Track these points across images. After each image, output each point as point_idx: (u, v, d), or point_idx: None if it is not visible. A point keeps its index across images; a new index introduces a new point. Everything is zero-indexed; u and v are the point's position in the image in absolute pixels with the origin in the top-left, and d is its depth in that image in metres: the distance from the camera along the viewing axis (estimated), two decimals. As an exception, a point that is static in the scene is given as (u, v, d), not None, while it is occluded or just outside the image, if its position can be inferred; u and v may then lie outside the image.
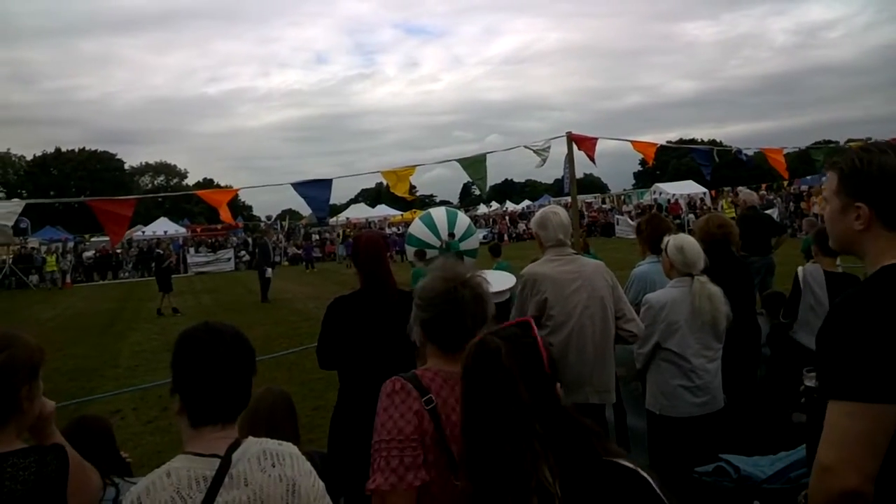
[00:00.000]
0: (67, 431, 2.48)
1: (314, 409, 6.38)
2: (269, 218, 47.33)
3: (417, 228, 18.22)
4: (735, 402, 3.73)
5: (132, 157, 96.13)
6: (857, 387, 1.30)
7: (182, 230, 38.17)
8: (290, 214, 49.61)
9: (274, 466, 1.50)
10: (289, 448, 1.58)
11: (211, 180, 69.91)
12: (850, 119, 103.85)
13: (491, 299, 2.01)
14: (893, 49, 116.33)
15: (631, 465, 1.49)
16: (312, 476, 1.56)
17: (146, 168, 76.90)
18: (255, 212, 70.76)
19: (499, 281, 3.08)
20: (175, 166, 78.47)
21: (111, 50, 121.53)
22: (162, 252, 18.63)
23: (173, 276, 17.11)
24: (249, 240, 37.68)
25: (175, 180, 75.06)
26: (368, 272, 3.32)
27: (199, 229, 40.26)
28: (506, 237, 36.76)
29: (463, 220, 18.97)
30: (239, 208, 63.07)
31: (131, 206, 4.94)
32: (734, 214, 17.05)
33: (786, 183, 28.26)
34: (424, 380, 1.89)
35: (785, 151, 8.10)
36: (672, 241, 3.65)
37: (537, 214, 3.83)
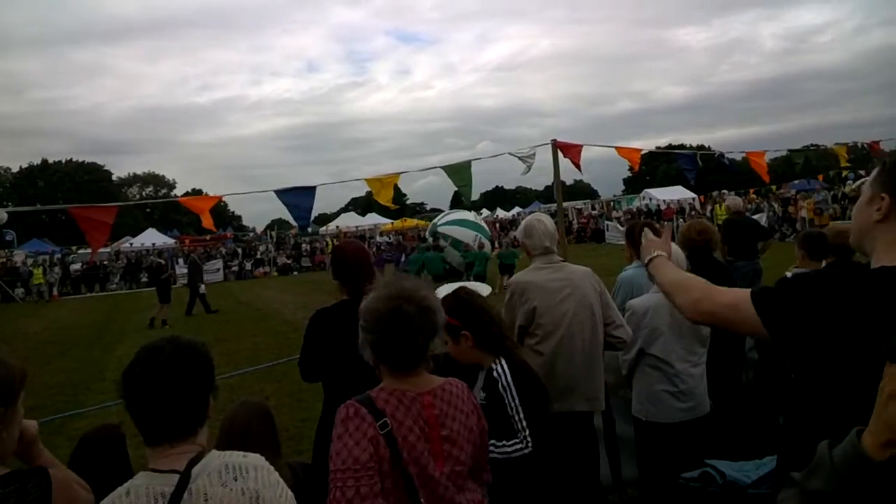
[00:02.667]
0: (83, 445, 2.50)
1: (303, 420, 6.34)
2: (253, 229, 47.17)
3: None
4: (721, 406, 3.75)
5: (121, 168, 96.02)
6: (765, 302, 1.55)
7: (170, 241, 37.92)
8: (279, 224, 49.44)
9: (236, 480, 1.47)
10: (254, 460, 1.55)
11: (200, 190, 69.54)
12: (838, 123, 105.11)
13: (440, 310, 1.94)
14: (882, 53, 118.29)
15: None
16: (280, 487, 1.53)
17: (134, 179, 76.51)
18: (245, 221, 70.68)
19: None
20: (164, 177, 78.21)
21: (101, 59, 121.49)
22: (162, 263, 18.66)
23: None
24: (239, 250, 37.59)
25: (164, 191, 74.71)
26: (356, 282, 3.29)
27: (187, 240, 40.01)
28: (496, 244, 36.80)
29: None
30: (228, 218, 62.86)
31: (113, 214, 4.90)
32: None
33: (775, 188, 28.45)
34: (379, 402, 1.84)
35: (768, 156, 8.16)
36: None
37: (522, 223, 3.84)
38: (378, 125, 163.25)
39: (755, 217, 26.95)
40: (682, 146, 57.81)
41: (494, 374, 2.65)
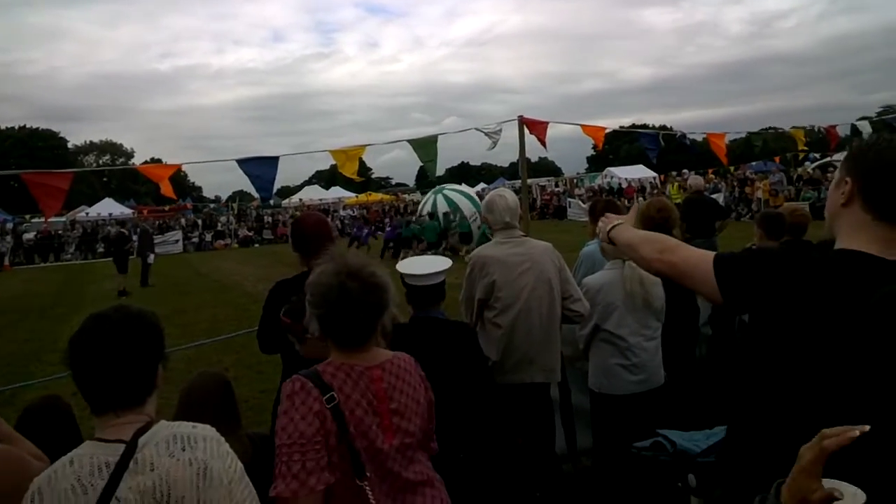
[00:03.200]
0: (26, 416, 2.45)
1: (262, 391, 6.31)
2: (217, 198, 46.15)
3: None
4: (674, 379, 3.87)
5: (77, 136, 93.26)
6: (725, 272, 1.55)
7: (128, 211, 36.90)
8: (240, 196, 48.49)
9: (184, 450, 1.46)
10: (204, 430, 1.54)
11: (159, 160, 67.61)
12: (799, 107, 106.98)
13: (388, 286, 1.91)
14: (844, 40, 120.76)
15: None
16: (229, 458, 1.53)
17: (91, 147, 74.06)
18: (205, 192, 69.24)
19: (433, 264, 3.09)
20: (121, 145, 75.80)
21: (59, 23, 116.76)
22: (124, 233, 18.26)
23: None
24: (199, 222, 36.82)
25: (121, 160, 72.42)
26: (316, 255, 3.23)
27: (145, 210, 39.04)
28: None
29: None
30: (188, 188, 61.46)
31: (68, 180, 4.75)
32: (680, 198, 17.51)
33: (732, 168, 29.02)
34: (326, 376, 1.83)
35: (728, 137, 8.32)
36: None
37: (485, 198, 3.85)
38: (343, 98, 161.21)
39: (713, 196, 27.62)
40: (644, 126, 58.46)
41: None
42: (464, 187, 25.38)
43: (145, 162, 63.74)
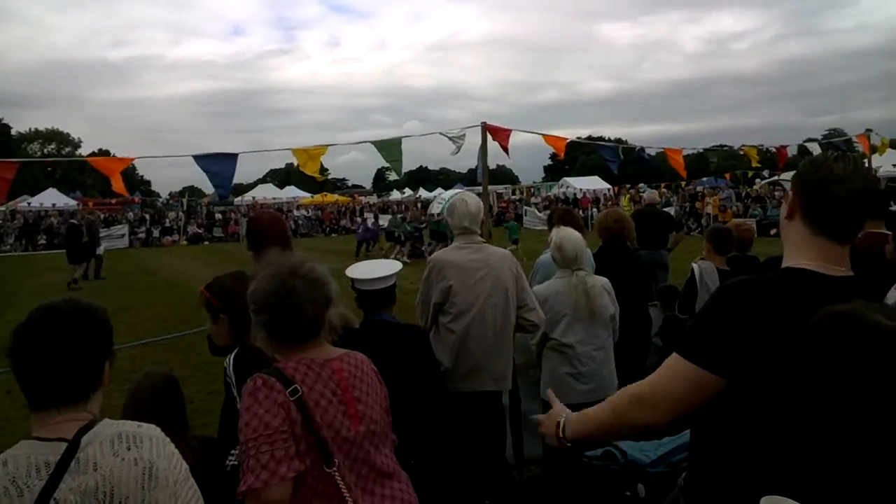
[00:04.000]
0: None
1: (209, 393, 6.15)
2: (171, 195, 44.81)
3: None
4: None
5: (21, 123, 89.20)
6: (700, 352, 1.47)
7: (72, 202, 35.56)
8: (190, 192, 47.28)
9: (129, 449, 1.41)
10: (149, 430, 1.49)
11: (107, 151, 65.39)
12: (748, 126, 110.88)
13: (329, 280, 1.93)
14: (795, 63, 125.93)
15: None
16: (175, 458, 1.48)
17: (36, 135, 70.95)
18: (154, 187, 67.39)
19: (382, 268, 3.06)
20: (68, 135, 72.87)
21: (5, 4, 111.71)
22: (77, 224, 17.60)
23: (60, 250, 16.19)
24: (147, 217, 35.79)
25: (67, 149, 69.78)
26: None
27: (91, 203, 37.71)
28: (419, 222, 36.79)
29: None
30: (136, 182, 59.66)
31: (13, 169, 4.57)
32: (631, 210, 17.90)
33: (683, 183, 29.83)
34: (288, 371, 1.83)
35: (684, 152, 8.52)
36: (553, 238, 3.80)
37: (449, 201, 3.84)
38: (303, 96, 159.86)
39: (666, 210, 28.31)
40: (601, 138, 59.55)
41: (225, 362, 2.47)
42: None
43: (93, 153, 61.68)
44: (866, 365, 1.11)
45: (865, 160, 12.08)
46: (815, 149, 10.11)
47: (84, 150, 69.43)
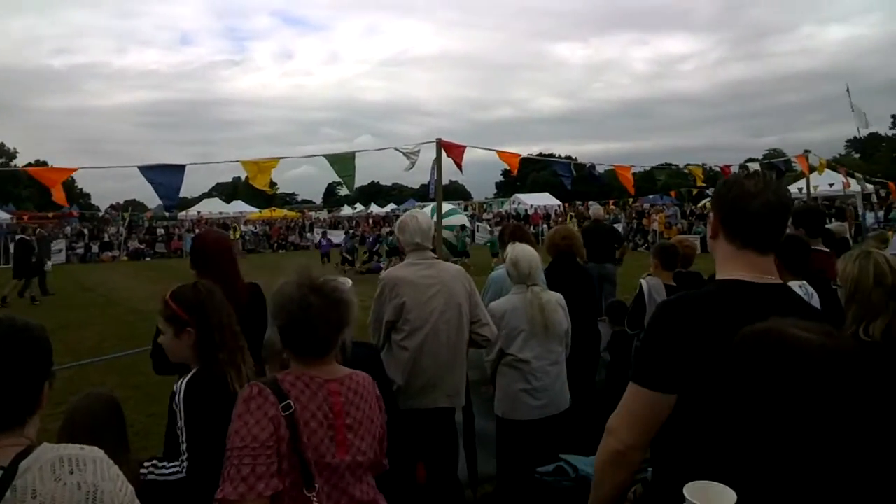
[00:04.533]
0: None
1: (149, 415, 5.92)
2: (113, 207, 43.17)
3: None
4: (576, 404, 3.94)
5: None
6: (646, 375, 1.56)
7: (6, 216, 33.94)
8: (132, 205, 45.80)
9: (72, 473, 1.33)
10: (92, 452, 1.42)
11: (45, 162, 62.77)
12: (693, 146, 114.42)
13: (351, 302, 1.92)
14: (737, 85, 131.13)
15: None
16: (120, 480, 1.41)
17: (-34, 144, 67.85)
18: (94, 200, 64.96)
19: None
20: (2, 144, 69.88)
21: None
22: (28, 238, 17.13)
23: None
24: (86, 231, 34.46)
25: (1, 160, 66.82)
26: (215, 273, 3.03)
27: (26, 216, 36.10)
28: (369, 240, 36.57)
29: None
30: (75, 195, 57.47)
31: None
32: (574, 227, 18.32)
33: (630, 200, 30.57)
34: (285, 384, 1.81)
35: (633, 170, 8.72)
36: (509, 254, 3.84)
37: (399, 218, 3.83)
38: (252, 108, 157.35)
39: (614, 226, 28.94)
40: (552, 155, 60.63)
41: (175, 386, 2.33)
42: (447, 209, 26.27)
43: (30, 164, 59.07)
44: (790, 379, 1.14)
45: (803, 179, 12.65)
46: (756, 168, 10.52)
47: (20, 161, 66.32)
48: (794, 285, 4.30)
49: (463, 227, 22.13)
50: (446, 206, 24.31)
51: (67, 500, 1.30)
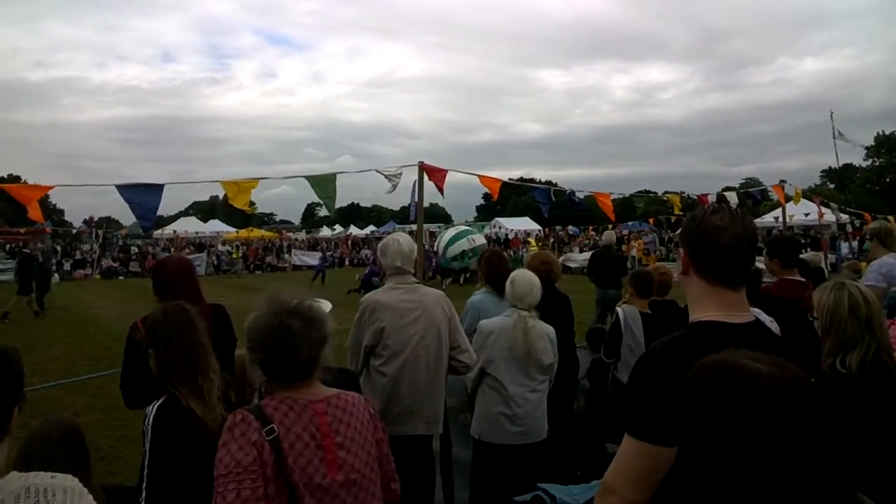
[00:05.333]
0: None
1: (119, 438, 5.77)
2: (87, 222, 42.30)
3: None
4: (554, 431, 3.90)
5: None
6: (643, 429, 1.52)
7: (-24, 231, 33.28)
8: (107, 223, 45.05)
9: None
10: (63, 481, 1.34)
11: (18, 177, 61.88)
12: (670, 174, 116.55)
13: (326, 318, 1.93)
14: (714, 114, 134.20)
15: None
16: None
17: (-65, 157, 66.67)
18: (67, 216, 64.01)
19: None
20: (-26, 158, 68.86)
21: None
22: (30, 252, 17.94)
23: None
24: (58, 248, 33.81)
25: (-28, 174, 65.64)
26: (178, 298, 2.96)
27: (-4, 231, 35.40)
28: (347, 262, 36.42)
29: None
30: (49, 211, 56.55)
31: None
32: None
33: (610, 227, 30.89)
34: (268, 409, 1.80)
35: (612, 197, 8.81)
36: (511, 277, 3.84)
37: (382, 241, 3.81)
38: (233, 126, 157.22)
39: (592, 253, 29.14)
40: (532, 180, 61.20)
41: (147, 409, 2.34)
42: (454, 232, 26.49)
43: (2, 178, 58.27)
44: (745, 409, 1.14)
45: (779, 209, 12.85)
46: (733, 197, 10.68)
47: (-8, 176, 65.42)
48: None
49: (462, 253, 22.48)
50: (460, 228, 25.06)
51: None
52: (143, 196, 4.92)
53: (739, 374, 1.18)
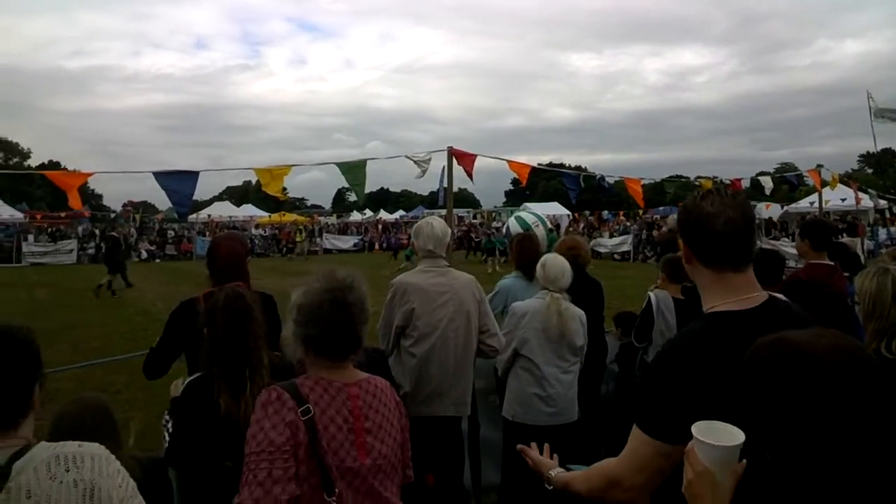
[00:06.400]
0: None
1: (158, 416, 5.91)
2: (125, 205, 43.00)
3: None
4: (581, 415, 3.93)
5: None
6: (654, 426, 1.52)
7: (19, 215, 34.21)
8: (143, 207, 45.96)
9: (68, 471, 1.33)
10: (91, 448, 1.42)
11: (58, 163, 63.42)
12: (703, 158, 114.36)
13: (366, 297, 1.96)
14: (749, 98, 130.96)
15: None
16: (120, 476, 1.42)
17: (-20, 144, 68.53)
18: (106, 202, 65.41)
19: None
20: (17, 144, 70.49)
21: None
22: (116, 236, 19.77)
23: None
24: (97, 231, 34.66)
25: (15, 160, 67.38)
26: (225, 277, 3.04)
27: (38, 216, 36.39)
28: (377, 246, 36.66)
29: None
30: (88, 196, 57.91)
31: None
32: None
33: (641, 212, 30.50)
34: (304, 388, 1.80)
35: (642, 182, 8.70)
36: (542, 261, 3.88)
37: (416, 224, 3.84)
38: (264, 113, 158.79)
39: (623, 238, 28.87)
40: (562, 165, 60.62)
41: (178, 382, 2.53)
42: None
43: (42, 164, 59.80)
44: (805, 385, 1.10)
45: (815, 194, 12.54)
46: (768, 182, 10.46)
47: (33, 161, 67.17)
48: None
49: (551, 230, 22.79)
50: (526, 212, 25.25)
51: (63, 499, 1.30)
52: (178, 183, 5.01)
53: (795, 349, 1.14)
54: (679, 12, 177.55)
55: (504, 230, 24.29)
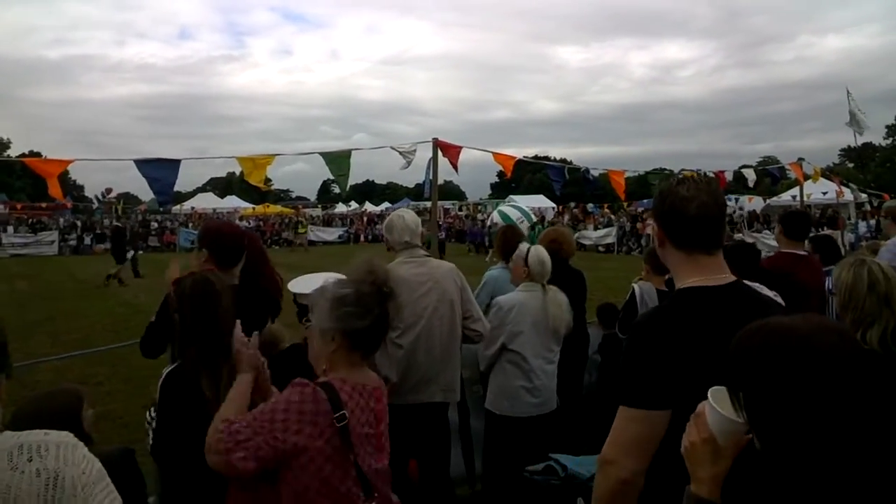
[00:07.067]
0: None
1: (142, 407, 5.89)
2: (104, 192, 42.20)
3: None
4: (565, 403, 3.97)
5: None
6: (636, 396, 1.55)
7: (-2, 206, 33.75)
8: (125, 198, 45.40)
9: (31, 461, 1.29)
10: (57, 437, 1.38)
11: (38, 153, 62.38)
12: (687, 152, 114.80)
13: None
14: (733, 92, 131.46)
15: None
16: (86, 463, 1.37)
17: (-44, 133, 67.32)
18: (88, 192, 64.54)
19: (310, 283, 3.00)
20: (-4, 134, 69.43)
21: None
22: (121, 226, 20.44)
23: None
24: (78, 223, 34.24)
25: (-6, 150, 66.33)
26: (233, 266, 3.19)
27: (19, 206, 35.88)
28: (362, 237, 36.55)
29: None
30: (69, 186, 57.10)
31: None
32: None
33: (626, 205, 30.63)
34: (343, 394, 1.77)
35: (626, 174, 8.74)
36: (533, 253, 3.88)
37: (386, 219, 3.85)
38: (249, 104, 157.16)
39: (607, 230, 29.02)
40: (547, 157, 60.72)
41: (163, 371, 2.47)
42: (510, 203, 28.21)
43: (23, 154, 58.71)
44: (795, 370, 1.08)
45: (797, 187, 12.66)
46: (751, 175, 10.56)
47: (13, 152, 65.84)
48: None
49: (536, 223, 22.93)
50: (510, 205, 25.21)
51: (25, 490, 1.27)
52: (160, 171, 4.96)
53: (782, 335, 1.11)
54: (665, 6, 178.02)
55: (489, 222, 24.38)
